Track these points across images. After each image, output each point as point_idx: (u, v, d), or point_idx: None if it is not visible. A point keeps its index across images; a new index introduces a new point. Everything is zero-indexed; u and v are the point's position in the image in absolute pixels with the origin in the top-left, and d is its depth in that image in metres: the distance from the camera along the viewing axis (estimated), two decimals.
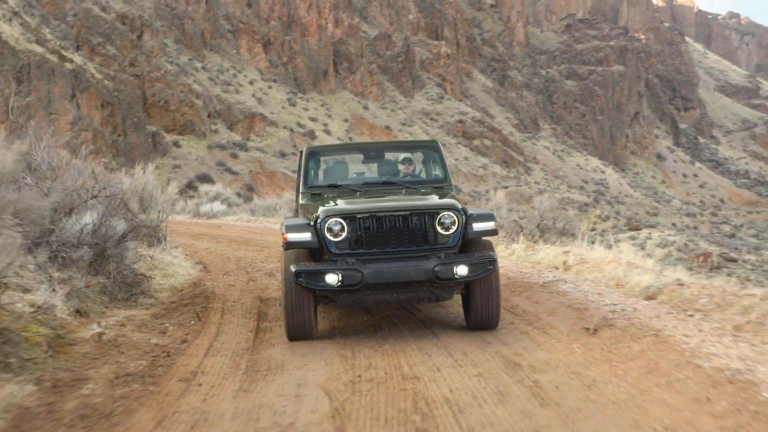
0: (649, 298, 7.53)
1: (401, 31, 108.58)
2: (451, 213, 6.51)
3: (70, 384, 4.81)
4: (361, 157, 8.83)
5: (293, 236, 6.43)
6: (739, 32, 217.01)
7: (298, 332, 6.46)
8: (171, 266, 9.98)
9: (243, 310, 7.82)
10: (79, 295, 6.63)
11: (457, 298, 7.26)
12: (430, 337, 6.57)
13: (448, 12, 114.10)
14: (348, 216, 6.37)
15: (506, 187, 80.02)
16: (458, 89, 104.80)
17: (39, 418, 4.19)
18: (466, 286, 6.63)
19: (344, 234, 6.33)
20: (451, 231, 6.48)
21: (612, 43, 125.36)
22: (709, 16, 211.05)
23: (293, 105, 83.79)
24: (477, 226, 6.60)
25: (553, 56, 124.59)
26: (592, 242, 11.17)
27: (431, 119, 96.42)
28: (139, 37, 66.87)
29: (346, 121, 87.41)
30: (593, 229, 11.52)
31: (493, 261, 6.44)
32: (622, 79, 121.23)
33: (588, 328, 6.30)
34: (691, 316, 6.52)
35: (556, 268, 10.02)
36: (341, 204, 6.70)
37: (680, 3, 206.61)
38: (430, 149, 8.39)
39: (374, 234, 6.37)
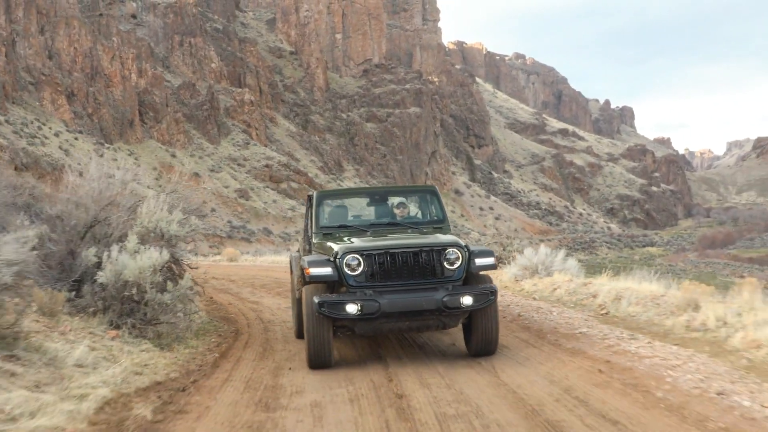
0: None
1: (204, 79, 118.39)
2: (455, 249, 7.79)
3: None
4: (365, 200, 10.30)
5: (315, 270, 7.67)
6: (525, 72, 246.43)
7: (319, 360, 7.66)
8: None
9: (242, 284, 18.88)
10: None
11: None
12: None
13: (250, 60, 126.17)
14: (365, 252, 7.64)
15: None
16: (263, 135, 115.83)
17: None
18: (469, 315, 7.83)
19: (361, 268, 7.59)
20: (456, 266, 7.75)
21: (408, 86, 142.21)
22: (497, 57, 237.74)
23: (101, 155, 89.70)
24: (479, 262, 7.88)
25: (352, 100, 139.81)
26: None
27: (239, 165, 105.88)
28: None
29: (155, 169, 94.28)
30: None
31: (494, 292, 7.71)
32: (418, 120, 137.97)
33: None
34: None
35: None
36: (357, 242, 8.00)
37: (470, 45, 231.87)
38: (429, 193, 9.87)
39: (388, 268, 7.62)
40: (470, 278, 7.91)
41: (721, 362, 6.72)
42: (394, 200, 9.83)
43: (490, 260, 7.97)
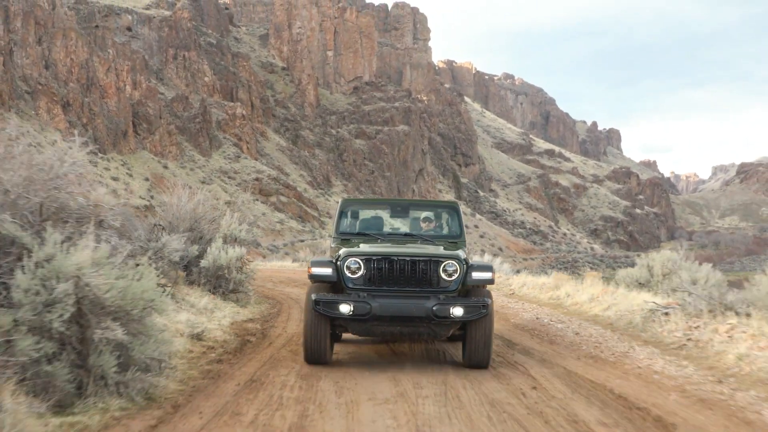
0: None
1: (197, 92, 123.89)
2: (453, 262, 8.41)
3: None
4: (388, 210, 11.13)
5: (316, 270, 8.52)
6: (514, 92, 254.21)
7: (315, 356, 8.39)
8: None
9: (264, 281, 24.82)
10: None
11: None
12: None
13: (242, 74, 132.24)
14: (365, 257, 8.37)
15: (302, 241, 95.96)
16: (254, 148, 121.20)
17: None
18: (464, 326, 8.43)
19: (361, 272, 8.31)
20: (454, 278, 8.34)
21: (397, 104, 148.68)
22: (486, 77, 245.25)
23: (94, 165, 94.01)
24: (476, 275, 8.49)
25: (342, 117, 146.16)
26: None
27: (229, 177, 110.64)
28: None
29: (147, 180, 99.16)
30: None
31: (486, 306, 8.20)
32: (407, 138, 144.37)
33: None
34: None
35: None
36: (362, 247, 8.75)
37: (460, 65, 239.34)
38: (450, 209, 10.58)
39: (386, 274, 8.29)
40: (470, 291, 8.59)
41: (552, 310, 13.19)
42: (422, 214, 10.65)
43: (487, 275, 8.55)
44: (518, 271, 22.88)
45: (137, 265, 6.57)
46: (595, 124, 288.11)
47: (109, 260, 6.09)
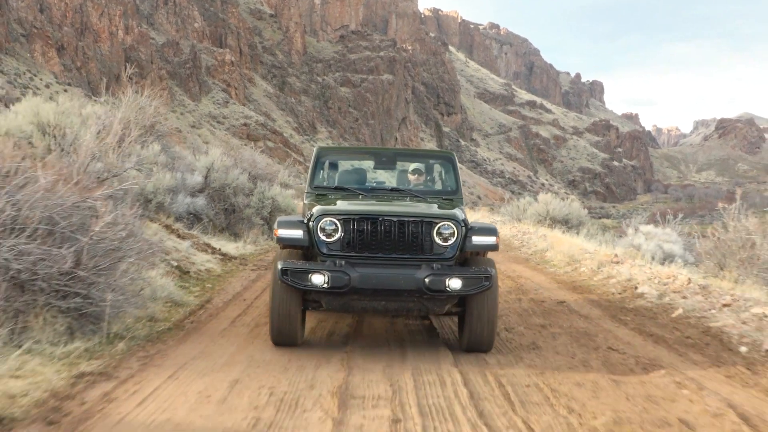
0: None
1: (187, 38, 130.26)
2: (450, 224, 6.97)
3: None
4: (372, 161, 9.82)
5: (284, 232, 7.08)
6: (499, 42, 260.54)
7: (282, 336, 7.14)
8: None
9: None
10: None
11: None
12: None
13: (231, 21, 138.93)
14: (343, 216, 6.91)
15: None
16: (242, 94, 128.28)
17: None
18: (462, 302, 7.16)
19: (337, 235, 6.87)
20: (450, 242, 6.94)
21: (382, 53, 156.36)
22: (472, 26, 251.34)
23: (83, 107, 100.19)
24: (477, 240, 7.09)
25: (328, 65, 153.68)
26: None
27: (218, 122, 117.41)
28: None
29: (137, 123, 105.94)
30: None
31: (489, 277, 6.80)
32: (391, 87, 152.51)
33: None
34: None
35: None
36: (340, 204, 7.34)
37: (445, 13, 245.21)
38: (445, 160, 9.26)
39: (368, 237, 6.88)
40: (470, 259, 7.34)
41: None
42: (411, 166, 9.32)
43: (490, 239, 7.25)
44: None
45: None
46: (578, 75, 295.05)
47: (281, 192, 15.13)
